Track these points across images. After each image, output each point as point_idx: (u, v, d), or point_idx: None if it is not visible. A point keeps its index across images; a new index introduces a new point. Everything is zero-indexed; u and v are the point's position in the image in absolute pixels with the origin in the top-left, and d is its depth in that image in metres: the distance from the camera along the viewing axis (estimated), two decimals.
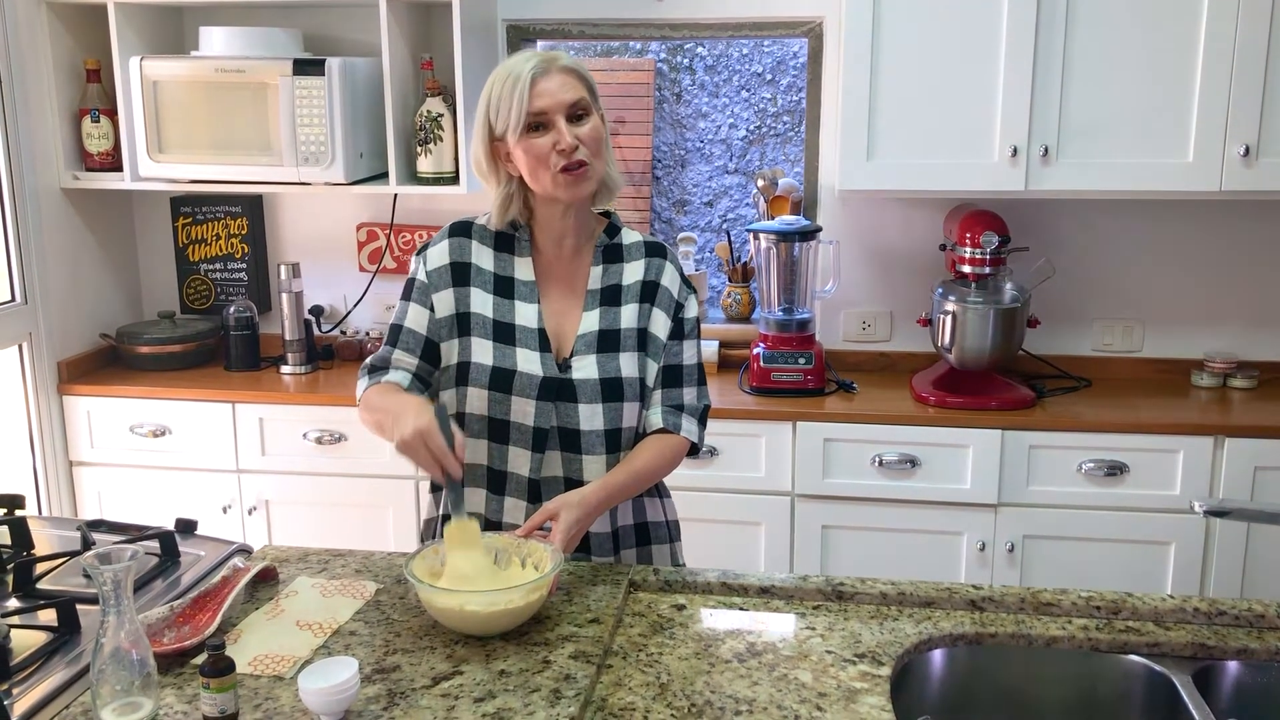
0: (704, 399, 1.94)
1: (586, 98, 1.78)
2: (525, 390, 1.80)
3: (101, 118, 3.25)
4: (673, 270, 1.92)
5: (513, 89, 1.74)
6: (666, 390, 1.89)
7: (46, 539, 2.11)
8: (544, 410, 1.81)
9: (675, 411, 1.89)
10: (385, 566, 1.85)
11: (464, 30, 3.06)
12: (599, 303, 1.87)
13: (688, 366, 1.91)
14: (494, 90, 1.77)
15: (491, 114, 1.78)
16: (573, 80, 1.77)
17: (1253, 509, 1.77)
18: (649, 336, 1.88)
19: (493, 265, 1.87)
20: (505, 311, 1.85)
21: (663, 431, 1.87)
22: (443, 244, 1.88)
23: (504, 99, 1.75)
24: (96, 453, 3.23)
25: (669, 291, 1.91)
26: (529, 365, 1.81)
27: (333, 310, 3.59)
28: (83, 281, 3.37)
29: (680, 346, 1.91)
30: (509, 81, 1.75)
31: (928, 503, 2.93)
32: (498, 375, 1.81)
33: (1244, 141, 2.82)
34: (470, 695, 1.45)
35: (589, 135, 1.77)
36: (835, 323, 3.39)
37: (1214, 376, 3.15)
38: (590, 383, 1.82)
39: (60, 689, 1.57)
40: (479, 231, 1.89)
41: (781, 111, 5.87)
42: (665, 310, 1.89)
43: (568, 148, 1.74)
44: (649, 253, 1.92)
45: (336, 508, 3.16)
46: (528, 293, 1.86)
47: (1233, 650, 1.65)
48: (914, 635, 1.66)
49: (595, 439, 1.83)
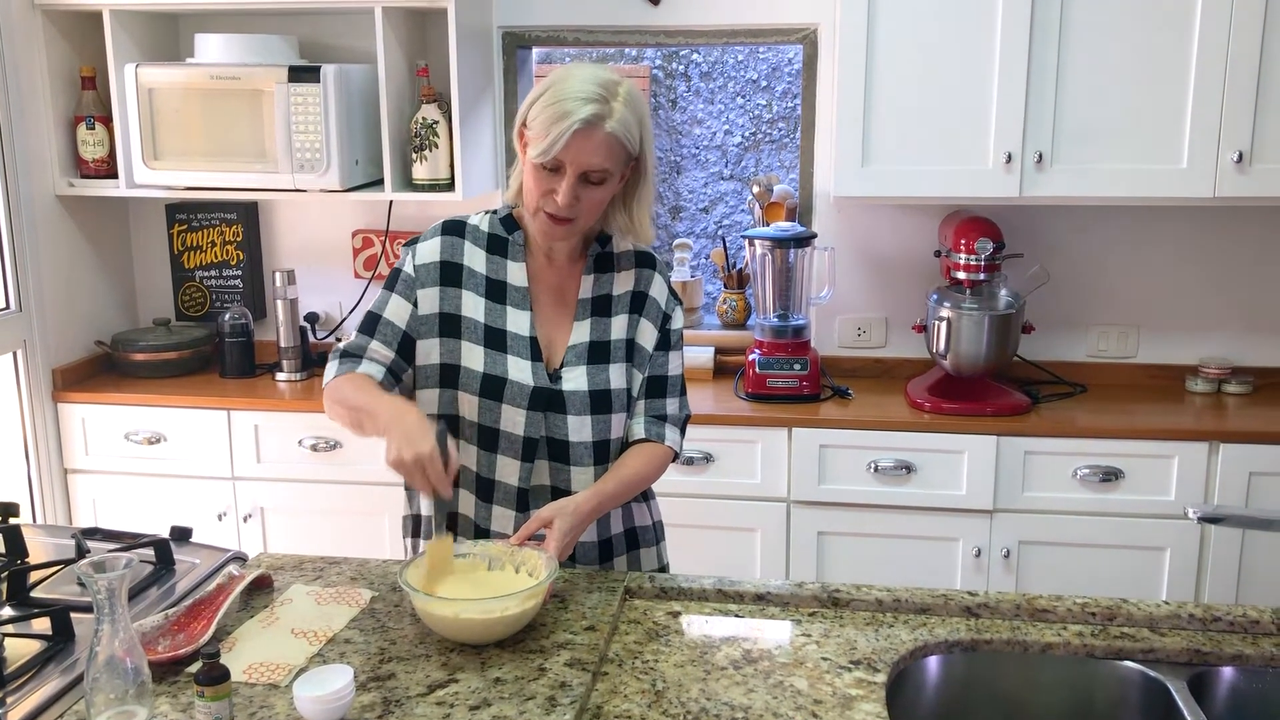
0: (685, 409, 1.96)
1: (609, 169, 1.73)
2: (516, 399, 1.80)
3: (97, 125, 3.25)
4: (661, 282, 1.93)
5: (558, 119, 1.69)
6: (650, 400, 1.90)
7: (41, 547, 2.10)
8: (534, 420, 1.81)
9: (659, 421, 1.90)
10: (380, 574, 1.85)
11: (459, 37, 3.06)
12: (590, 313, 1.87)
13: (672, 378, 1.93)
14: (545, 98, 1.72)
15: (532, 110, 1.74)
16: (610, 147, 1.72)
17: (1247, 515, 1.77)
18: (635, 347, 1.88)
19: (485, 268, 1.86)
20: (497, 317, 1.84)
21: (647, 440, 1.88)
22: (435, 240, 1.86)
23: (546, 117, 1.70)
24: (91, 460, 3.22)
25: (657, 303, 1.91)
26: (520, 374, 1.81)
27: (328, 317, 3.59)
28: (78, 288, 3.36)
29: (666, 358, 1.92)
30: (559, 107, 1.69)
31: (923, 509, 2.93)
32: (489, 382, 1.80)
33: (1237, 148, 2.82)
34: (465, 703, 1.45)
35: (591, 200, 1.75)
36: (830, 329, 3.39)
37: (1209, 382, 3.16)
38: (580, 394, 1.82)
39: (55, 698, 1.57)
40: (472, 232, 1.88)
41: (777, 118, 5.88)
42: (653, 322, 1.90)
43: (561, 207, 1.73)
44: (639, 263, 1.92)
45: (332, 515, 3.16)
46: (520, 299, 1.86)
47: (1228, 656, 1.65)
48: (909, 642, 1.66)
49: (584, 450, 1.83)
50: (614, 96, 1.72)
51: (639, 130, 1.75)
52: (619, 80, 1.75)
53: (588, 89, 1.70)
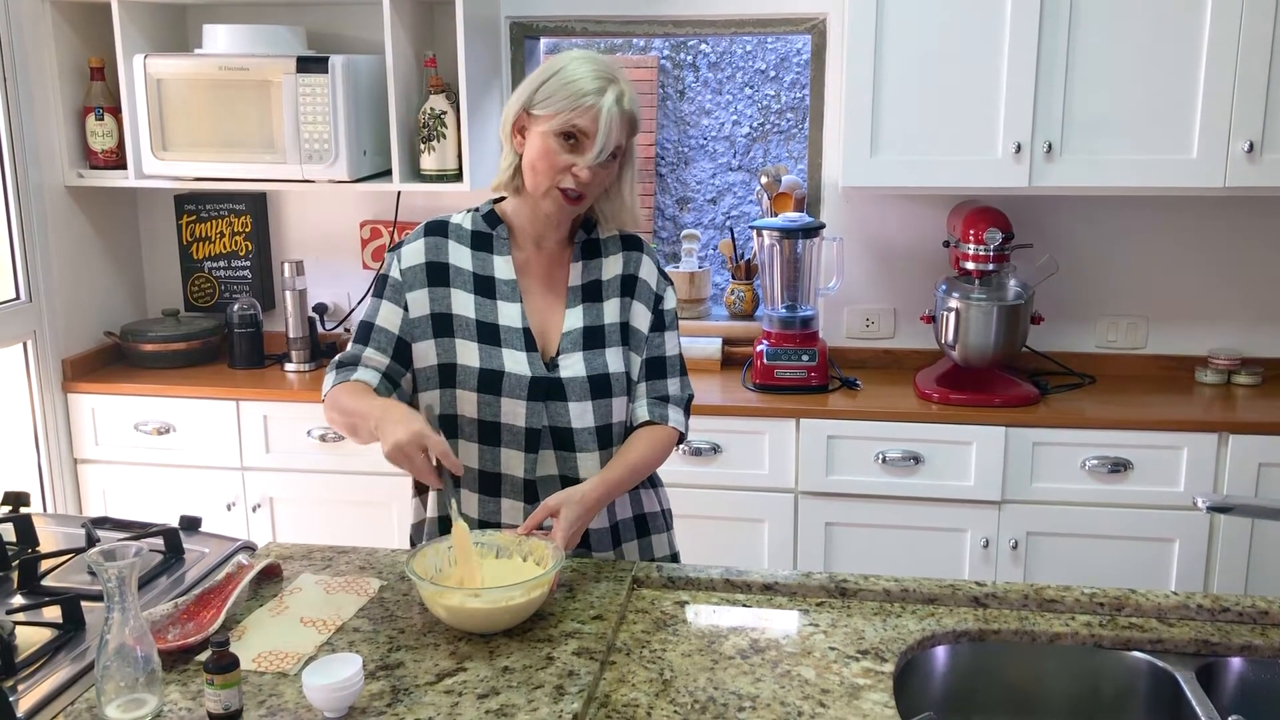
0: (687, 389, 1.96)
1: (622, 145, 1.79)
2: (515, 391, 1.81)
3: (106, 116, 3.26)
4: (649, 263, 1.93)
5: (577, 94, 1.73)
6: (651, 382, 1.90)
7: (51, 536, 2.12)
8: (535, 410, 1.81)
9: (661, 403, 1.90)
10: (389, 563, 1.86)
11: (467, 27, 3.06)
12: (581, 299, 1.88)
13: (670, 358, 1.93)
14: (557, 78, 1.76)
15: (539, 93, 1.77)
16: (627, 124, 1.78)
17: (1256, 505, 1.76)
18: (630, 330, 1.89)
19: (471, 265, 1.87)
20: (488, 311, 1.85)
21: (650, 423, 1.88)
22: (418, 243, 1.87)
23: (561, 91, 1.74)
24: (101, 450, 3.24)
25: (648, 284, 1.92)
26: (516, 366, 1.81)
27: (336, 308, 3.59)
28: (87, 279, 3.37)
29: (662, 338, 1.92)
30: (579, 85, 1.73)
31: (931, 500, 2.93)
32: (486, 377, 1.81)
33: (1248, 138, 2.81)
34: (474, 692, 1.45)
35: (605, 175, 1.80)
36: (839, 320, 3.39)
37: (1218, 373, 3.15)
38: (579, 380, 1.83)
39: (65, 685, 1.58)
40: (455, 230, 1.89)
41: (785, 108, 5.87)
42: (645, 303, 1.91)
43: (582, 180, 1.76)
44: (625, 246, 1.93)
45: (340, 505, 3.17)
46: (509, 292, 1.86)
47: (1236, 647, 1.65)
48: (917, 632, 1.66)
49: (588, 436, 1.84)
50: (619, 77, 1.78)
51: (639, 110, 1.82)
52: (613, 61, 1.82)
53: (599, 68, 1.77)
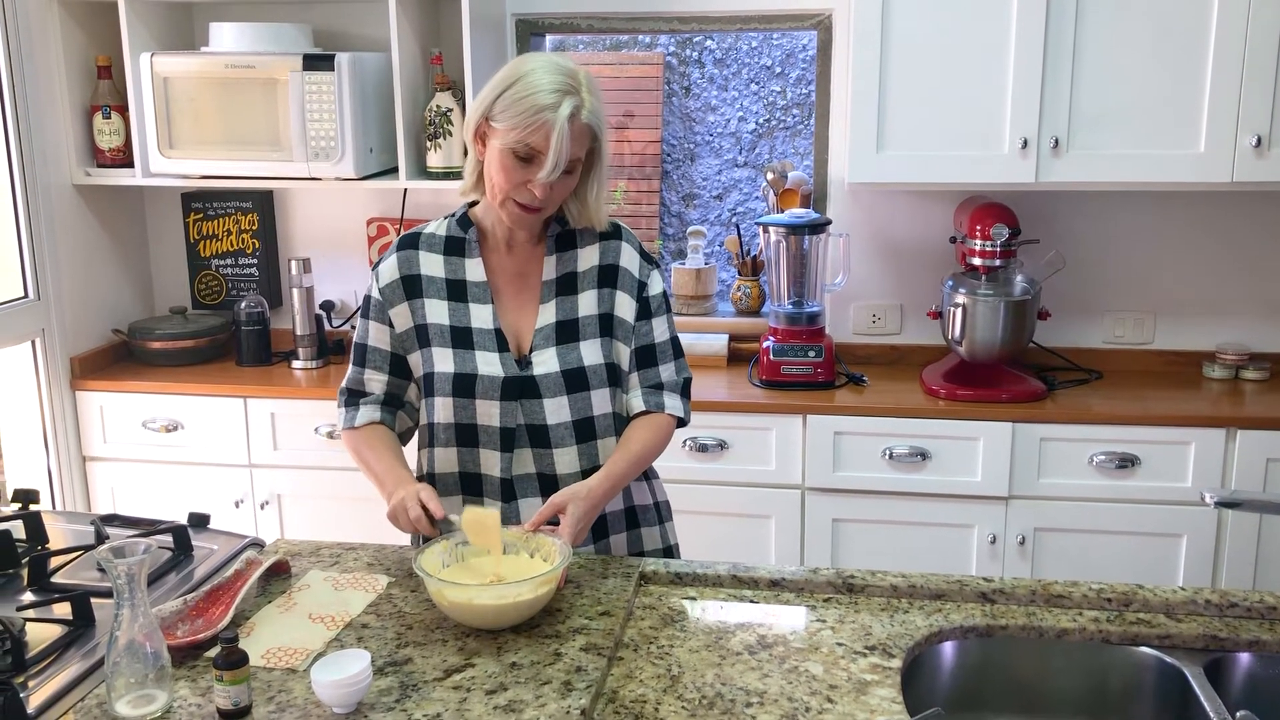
0: (683, 372, 1.94)
1: (581, 157, 1.76)
2: (488, 392, 1.81)
3: (113, 114, 3.27)
4: (630, 250, 1.91)
5: (536, 111, 1.69)
6: (643, 371, 1.90)
7: (61, 533, 2.12)
8: (509, 410, 1.82)
9: (655, 390, 1.89)
10: (397, 560, 1.86)
11: (473, 25, 3.06)
12: (555, 293, 1.87)
13: (660, 344, 1.91)
14: (514, 90, 1.72)
15: (497, 103, 1.74)
16: (584, 136, 1.75)
17: (1264, 500, 1.76)
18: (615, 321, 1.88)
19: (444, 271, 1.88)
20: (461, 316, 1.86)
21: (647, 413, 1.88)
22: (391, 259, 1.89)
23: (522, 110, 1.70)
24: (109, 448, 3.25)
25: (629, 272, 1.90)
26: (489, 367, 1.82)
27: (343, 305, 3.60)
28: (95, 277, 3.38)
29: (649, 325, 1.90)
30: (534, 100, 1.69)
31: (938, 495, 2.93)
32: (459, 381, 1.82)
33: (1255, 132, 2.80)
34: (482, 687, 1.46)
35: (563, 187, 1.78)
36: (845, 316, 3.39)
37: (1226, 368, 3.14)
38: (552, 376, 1.83)
39: (75, 682, 1.58)
40: (427, 240, 1.90)
41: (791, 104, 5.86)
42: (628, 292, 1.89)
43: (537, 197, 1.75)
44: (603, 235, 1.91)
45: (348, 501, 3.17)
46: (480, 294, 1.87)
47: (1244, 642, 1.65)
48: (925, 627, 1.66)
49: (564, 431, 1.84)
50: (580, 86, 1.73)
51: (602, 117, 1.78)
52: (577, 68, 1.76)
53: (557, 80, 1.71)
